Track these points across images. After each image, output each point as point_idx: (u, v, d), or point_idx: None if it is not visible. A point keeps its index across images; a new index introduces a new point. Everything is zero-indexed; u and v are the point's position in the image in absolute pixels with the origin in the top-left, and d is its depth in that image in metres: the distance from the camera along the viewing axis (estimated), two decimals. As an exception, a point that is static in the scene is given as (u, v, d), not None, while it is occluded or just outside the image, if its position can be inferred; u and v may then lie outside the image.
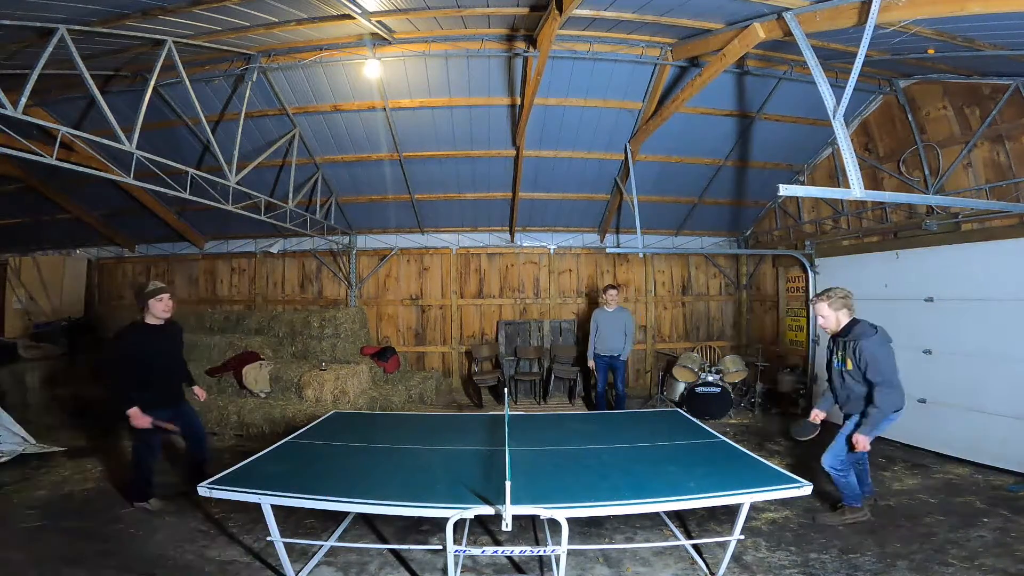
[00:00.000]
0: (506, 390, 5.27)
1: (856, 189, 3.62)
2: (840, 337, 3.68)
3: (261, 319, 7.87)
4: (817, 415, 3.92)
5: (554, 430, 4.24)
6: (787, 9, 3.87)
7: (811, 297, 3.79)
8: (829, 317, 3.70)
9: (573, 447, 3.69)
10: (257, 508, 2.82)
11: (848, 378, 3.62)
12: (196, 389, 4.36)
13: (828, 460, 3.68)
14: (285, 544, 2.97)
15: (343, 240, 8.59)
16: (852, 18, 3.63)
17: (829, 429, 3.86)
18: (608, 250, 7.56)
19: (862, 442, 3.47)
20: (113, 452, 5.28)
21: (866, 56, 3.47)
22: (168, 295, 4.00)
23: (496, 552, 3.16)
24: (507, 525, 2.41)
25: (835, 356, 3.74)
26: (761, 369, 7.28)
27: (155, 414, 3.83)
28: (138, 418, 3.74)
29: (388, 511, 2.74)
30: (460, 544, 3.22)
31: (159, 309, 3.93)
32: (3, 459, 4.66)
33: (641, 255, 8.47)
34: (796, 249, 7.49)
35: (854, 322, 3.64)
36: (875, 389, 3.44)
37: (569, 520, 2.54)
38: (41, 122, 4.05)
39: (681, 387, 6.94)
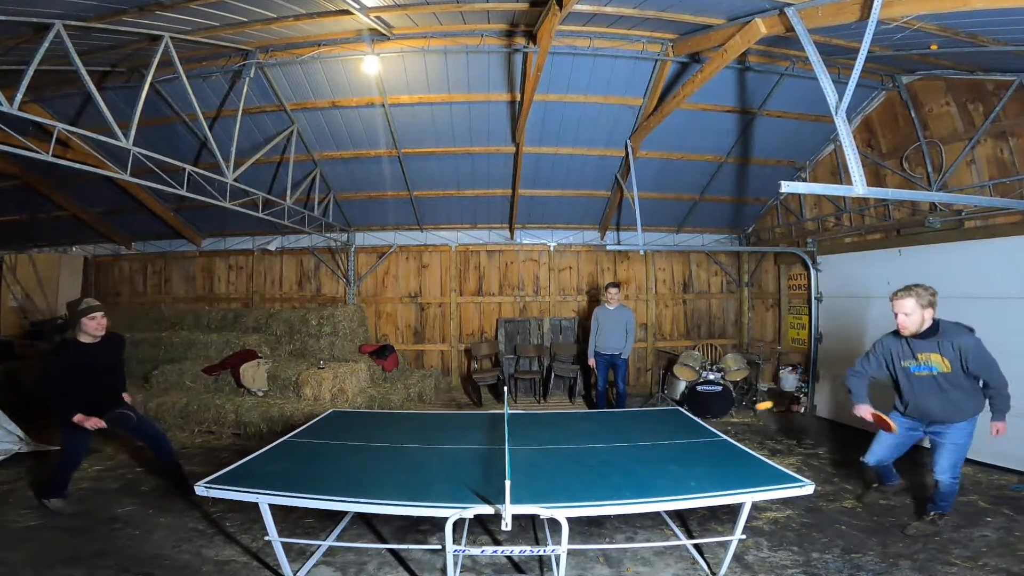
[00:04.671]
0: (506, 388, 5.24)
1: (858, 186, 3.60)
2: (918, 339, 3.37)
3: (259, 317, 7.84)
4: (864, 410, 3.60)
5: (554, 429, 4.20)
6: (789, 4, 3.84)
7: (893, 293, 3.47)
8: (913, 315, 3.31)
9: (573, 446, 3.66)
10: (255, 507, 2.78)
11: (946, 383, 3.31)
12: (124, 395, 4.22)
13: (949, 472, 3.39)
14: (283, 544, 2.94)
15: (341, 237, 8.55)
16: (854, 13, 3.60)
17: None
18: (608, 247, 7.52)
19: (1003, 428, 3.30)
20: (110, 451, 5.25)
21: (868, 52, 3.44)
22: (101, 314, 3.90)
23: (496, 552, 3.13)
24: (507, 525, 2.38)
25: (912, 360, 3.40)
26: (762, 367, 7.26)
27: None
28: (87, 421, 3.72)
29: (387, 511, 2.71)
30: (459, 544, 3.19)
31: (91, 327, 3.84)
32: None
33: (642, 252, 8.44)
34: (798, 246, 7.47)
35: (937, 323, 3.34)
36: (992, 382, 3.27)
37: (569, 520, 2.51)
38: (37, 118, 4.03)
39: (682, 385, 6.92)
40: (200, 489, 2.79)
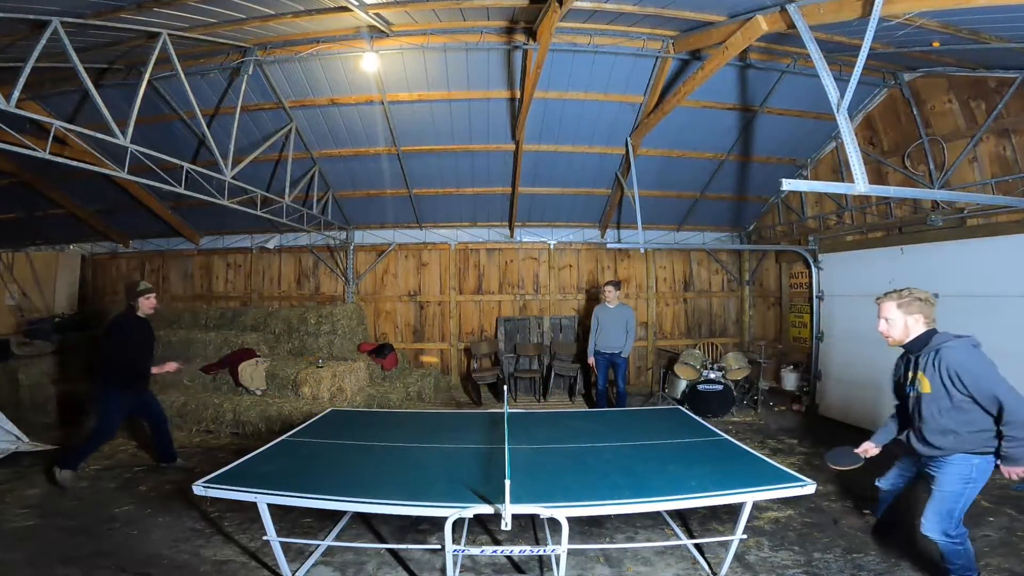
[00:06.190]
0: (505, 388, 5.22)
1: (860, 184, 3.58)
2: (911, 352, 2.82)
3: (257, 316, 7.81)
4: (868, 449, 3.15)
5: (554, 428, 4.19)
6: (790, 1, 3.82)
7: (877, 297, 2.94)
8: (895, 321, 2.80)
9: (573, 445, 3.64)
10: (253, 507, 2.77)
11: (928, 407, 2.67)
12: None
13: (937, 526, 2.65)
14: (281, 543, 2.93)
15: (340, 235, 8.52)
16: (856, 10, 3.57)
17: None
18: (609, 246, 7.51)
19: (1020, 471, 2.52)
20: (107, 451, 5.23)
21: (870, 49, 3.41)
22: (155, 295, 4.58)
23: (495, 552, 3.12)
24: (506, 524, 2.37)
25: (906, 377, 2.86)
26: (764, 366, 7.24)
27: (129, 397, 4.41)
28: (168, 366, 4.72)
29: (386, 510, 2.69)
30: (459, 544, 3.17)
31: (147, 306, 4.50)
32: (-3, 457, 4.62)
33: (642, 251, 8.39)
34: (799, 245, 7.45)
35: (932, 333, 2.73)
36: (1003, 403, 2.46)
37: (569, 519, 2.49)
38: (34, 116, 4.00)
39: (683, 384, 6.90)
40: (198, 489, 2.78)
